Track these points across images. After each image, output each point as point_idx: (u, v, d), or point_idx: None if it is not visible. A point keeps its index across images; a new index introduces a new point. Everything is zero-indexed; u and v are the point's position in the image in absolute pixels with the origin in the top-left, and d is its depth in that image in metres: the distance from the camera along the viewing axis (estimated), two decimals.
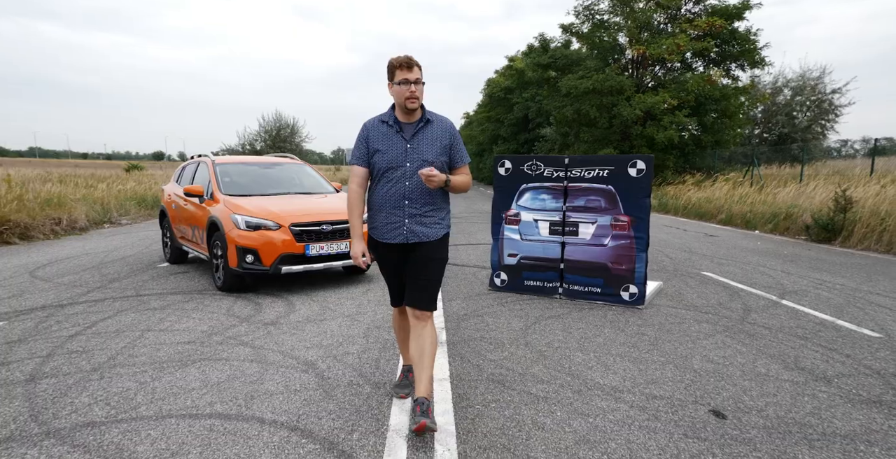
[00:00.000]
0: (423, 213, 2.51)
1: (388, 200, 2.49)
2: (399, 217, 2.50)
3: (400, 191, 2.47)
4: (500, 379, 3.10)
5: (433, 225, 2.55)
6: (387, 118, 2.53)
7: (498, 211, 5.32)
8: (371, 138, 2.52)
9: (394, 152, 2.47)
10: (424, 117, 2.52)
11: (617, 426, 2.54)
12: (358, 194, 2.57)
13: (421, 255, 2.54)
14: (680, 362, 3.41)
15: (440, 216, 2.58)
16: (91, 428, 2.49)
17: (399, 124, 2.51)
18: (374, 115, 2.61)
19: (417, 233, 2.51)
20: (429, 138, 2.50)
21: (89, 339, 3.75)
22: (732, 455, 2.28)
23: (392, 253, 2.58)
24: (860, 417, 2.66)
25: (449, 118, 2.63)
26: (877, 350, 3.67)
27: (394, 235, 2.52)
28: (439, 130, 2.53)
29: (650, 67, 22.64)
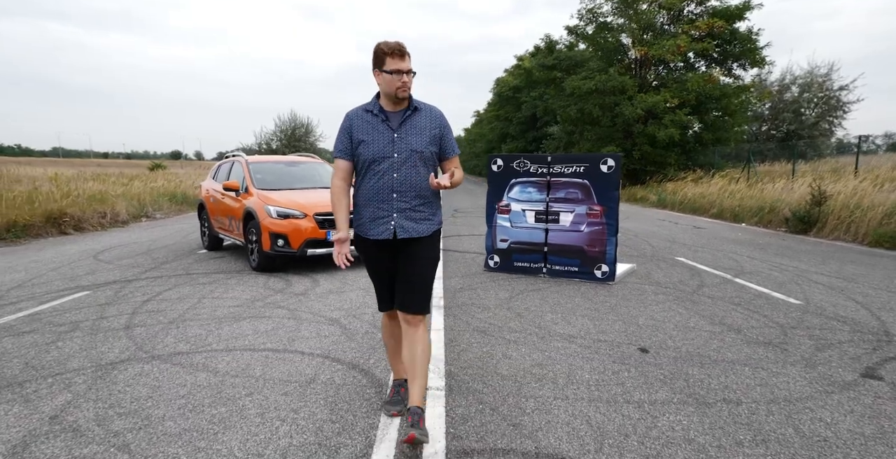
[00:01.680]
0: (413, 208, 2.35)
1: (376, 194, 2.32)
2: (387, 211, 2.32)
3: (387, 184, 2.30)
4: (482, 329, 4.00)
5: (423, 220, 2.38)
6: (371, 107, 2.37)
7: (491, 202, 6.21)
8: (355, 128, 2.36)
9: (380, 142, 2.30)
10: (412, 105, 2.36)
11: (565, 356, 3.42)
12: (341, 189, 2.43)
13: (410, 254, 2.38)
14: (628, 320, 4.28)
15: (431, 211, 2.42)
16: (181, 355, 3.43)
17: (385, 113, 2.34)
18: (357, 105, 2.45)
19: (406, 229, 2.35)
20: (417, 127, 2.34)
21: (159, 303, 4.72)
22: (643, 372, 3.16)
23: (379, 251, 2.41)
24: (748, 351, 3.52)
25: (438, 107, 2.47)
26: (791, 312, 4.51)
27: (381, 231, 2.34)
28: (428, 119, 2.38)
29: (653, 67, 23.30)
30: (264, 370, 3.19)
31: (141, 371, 3.17)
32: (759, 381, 3.03)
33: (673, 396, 2.83)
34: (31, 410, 2.65)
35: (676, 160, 21.93)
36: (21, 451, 2.26)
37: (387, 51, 2.24)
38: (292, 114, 39.89)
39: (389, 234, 2.35)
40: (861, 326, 4.12)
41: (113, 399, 2.78)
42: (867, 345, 3.67)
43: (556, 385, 2.96)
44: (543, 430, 2.45)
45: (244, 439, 2.37)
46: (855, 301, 4.89)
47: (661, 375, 3.12)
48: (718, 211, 13.59)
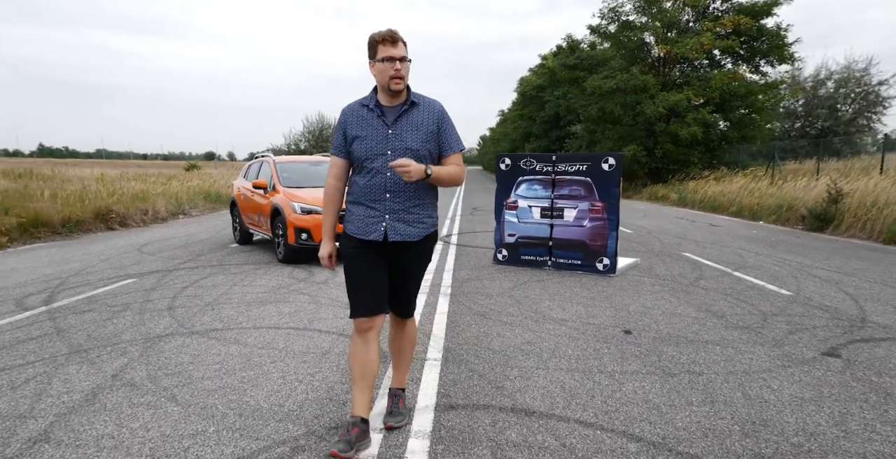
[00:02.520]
0: (407, 209, 2.22)
1: (368, 193, 2.21)
2: (379, 212, 2.21)
3: (380, 183, 2.19)
4: (482, 313, 4.40)
5: (417, 223, 2.25)
6: (367, 101, 2.25)
7: (500, 199, 6.59)
8: (349, 124, 2.25)
9: (373, 139, 2.19)
10: (409, 99, 2.23)
11: (553, 336, 3.79)
12: (335, 188, 2.33)
13: (403, 261, 2.30)
14: (620, 307, 4.61)
15: (426, 213, 2.28)
16: (215, 331, 3.95)
17: (381, 108, 2.22)
18: (354, 99, 2.33)
19: (399, 231, 2.22)
20: (413, 123, 2.22)
21: (196, 290, 5.28)
22: (621, 349, 3.51)
23: (368, 252, 2.27)
24: (724, 333, 3.82)
25: (439, 101, 2.34)
26: (777, 301, 4.75)
27: (371, 231, 2.22)
28: (426, 114, 2.24)
29: (676, 66, 23.15)
30: (286, 343, 3.67)
31: (182, 343, 3.69)
32: (725, 357, 3.35)
33: (643, 368, 3.18)
34: (95, 370, 3.19)
35: (700, 158, 21.78)
36: (92, 399, 2.78)
37: (378, 38, 2.13)
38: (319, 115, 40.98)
39: (380, 236, 2.21)
40: (840, 314, 4.35)
41: (160, 363, 3.30)
42: (839, 330, 3.92)
43: (541, 359, 3.34)
44: (521, 392, 2.85)
45: (268, 395, 2.83)
46: (845, 292, 5.09)
47: (638, 352, 3.46)
48: (737, 209, 13.59)
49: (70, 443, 2.31)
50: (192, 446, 2.29)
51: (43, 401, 2.74)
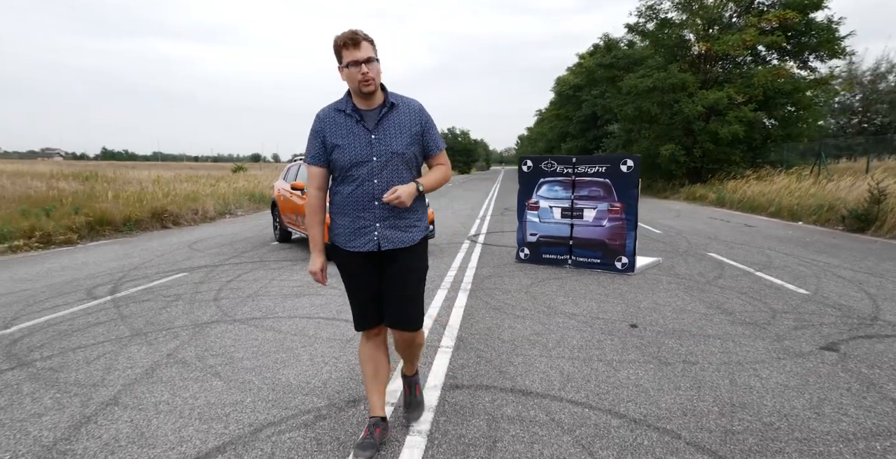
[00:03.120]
0: (397, 215, 2.14)
1: (354, 203, 2.12)
2: (368, 221, 2.12)
3: (368, 191, 2.10)
4: (497, 307, 4.69)
5: (409, 228, 2.18)
6: (343, 106, 2.14)
7: (522, 200, 6.84)
8: (327, 132, 2.14)
9: (356, 146, 2.09)
10: (387, 101, 2.14)
11: (561, 328, 4.04)
12: (318, 198, 2.23)
13: (398, 267, 2.19)
14: (632, 303, 4.79)
15: (417, 217, 2.22)
16: (255, 319, 4.41)
17: (358, 112, 2.12)
18: (328, 104, 2.22)
19: (391, 239, 2.15)
20: (396, 126, 2.13)
21: (239, 283, 5.79)
22: (624, 341, 3.72)
23: (361, 264, 2.20)
24: (728, 329, 3.96)
25: (418, 100, 2.25)
26: (791, 300, 4.81)
27: (363, 242, 2.14)
28: (407, 115, 2.16)
29: (718, 63, 22.54)
30: (316, 331, 4.07)
31: (226, 329, 4.16)
32: (722, 350, 3.51)
33: (640, 357, 3.39)
34: (153, 350, 3.68)
35: (742, 157, 21.16)
36: (151, 373, 3.25)
37: (340, 43, 2.03)
38: None
39: (374, 246, 2.13)
40: (852, 312, 4.39)
41: (207, 345, 3.75)
42: (845, 327, 3.98)
43: (546, 348, 3.60)
44: (522, 376, 3.12)
45: (298, 373, 3.22)
46: (866, 292, 5.07)
47: (639, 344, 3.67)
48: (777, 209, 13.24)
49: (134, 407, 2.77)
50: (232, 412, 2.70)
51: (111, 374, 3.23)
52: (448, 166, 2.35)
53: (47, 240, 8.12)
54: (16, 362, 3.40)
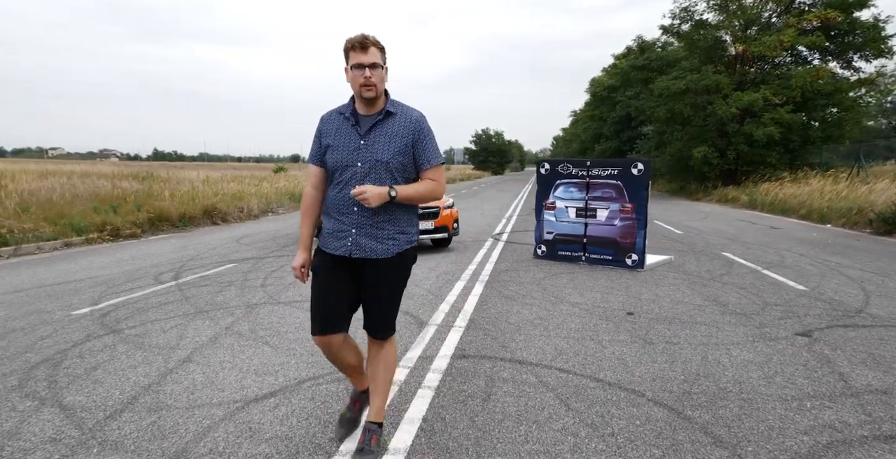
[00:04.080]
0: (375, 224, 2.13)
1: (337, 205, 2.15)
2: (346, 225, 2.14)
3: (348, 195, 2.10)
4: (509, 296, 5.21)
5: (386, 239, 2.15)
6: (345, 110, 2.20)
7: (540, 200, 7.32)
8: (325, 132, 2.21)
9: (344, 149, 2.13)
10: (385, 109, 2.16)
11: (563, 315, 4.53)
12: (312, 197, 2.28)
13: (372, 280, 2.20)
14: (634, 295, 5.22)
15: (397, 229, 2.18)
16: (296, 302, 5.08)
17: (356, 116, 2.16)
18: (334, 107, 2.29)
19: (363, 248, 2.13)
20: (387, 134, 2.14)
21: (281, 273, 6.51)
22: (618, 325, 4.19)
23: (335, 267, 2.20)
24: (717, 317, 4.36)
25: (419, 110, 2.25)
26: (787, 294, 5.13)
27: (337, 245, 2.16)
28: (401, 125, 2.16)
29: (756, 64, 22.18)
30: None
31: (272, 309, 4.84)
32: (705, 334, 3.93)
33: (629, 338, 3.86)
34: (214, 324, 4.39)
35: (779, 159, 20.80)
36: (214, 341, 3.94)
37: (349, 45, 2.07)
38: None
39: (346, 251, 2.14)
40: (840, 305, 4.69)
41: (257, 321, 4.44)
42: (828, 317, 4.32)
43: (546, 329, 4.11)
44: (521, 349, 3.65)
45: None
46: (863, 289, 5.33)
47: (631, 328, 4.13)
48: (807, 211, 13.16)
49: (204, 364, 3.45)
50: (280, 369, 3.34)
51: (184, 340, 3.94)
52: (439, 184, 2.24)
53: (116, 234, 9.13)
54: (109, 329, 4.17)
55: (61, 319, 4.40)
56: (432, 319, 4.40)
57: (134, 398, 2.89)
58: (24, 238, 7.73)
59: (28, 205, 9.06)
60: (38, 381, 3.11)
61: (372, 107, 2.15)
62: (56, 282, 5.82)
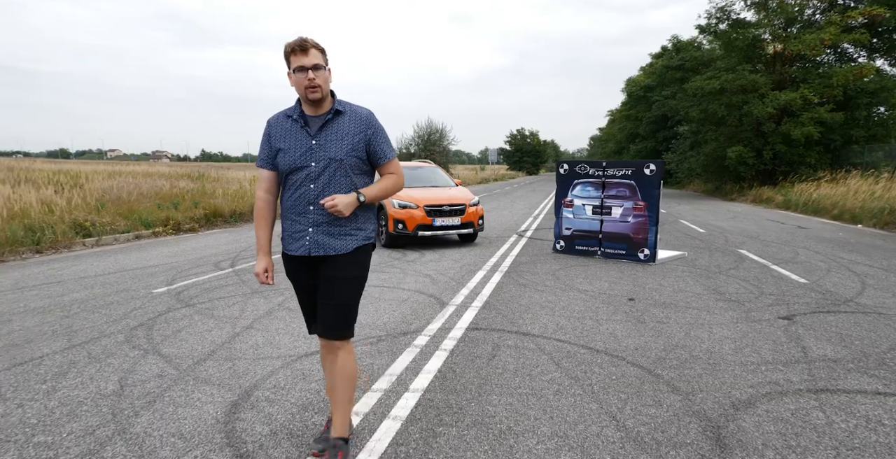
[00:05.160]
0: (331, 222, 2.17)
1: (293, 207, 2.19)
2: (303, 225, 2.18)
3: (305, 195, 2.15)
4: (524, 284, 5.78)
5: (343, 236, 2.20)
6: (292, 112, 2.22)
7: (559, 198, 7.84)
8: (273, 136, 2.22)
9: (296, 151, 2.16)
10: (334, 108, 2.19)
11: (570, 300, 5.08)
12: (266, 201, 2.29)
13: (327, 274, 2.21)
14: (639, 284, 5.70)
15: (355, 225, 2.22)
16: None
17: (304, 118, 2.19)
18: (280, 110, 2.30)
19: (322, 245, 2.18)
20: (338, 133, 2.17)
21: None
22: (618, 308, 4.70)
23: (299, 268, 2.27)
24: (711, 304, 4.81)
25: (369, 108, 2.28)
26: (785, 286, 5.49)
27: (297, 246, 2.20)
28: (352, 123, 2.20)
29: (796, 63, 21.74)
30: (381, 294, 5.40)
31: None
32: (695, 316, 4.41)
33: (624, 318, 4.38)
34: (268, 301, 5.15)
35: (818, 159, 20.37)
36: (269, 314, 4.70)
37: (288, 49, 2.09)
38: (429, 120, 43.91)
39: (305, 251, 2.18)
40: (833, 296, 5.04)
41: None
42: (815, 305, 4.70)
43: (552, 311, 4.68)
44: (526, 325, 4.24)
45: (367, 316, 4.52)
46: (863, 283, 5.62)
47: (628, 310, 4.64)
48: (839, 212, 13.07)
49: (262, 329, 4.19)
50: None
51: (245, 313, 4.71)
52: (399, 175, 2.31)
53: (178, 228, 10.20)
54: (184, 304, 5.00)
55: (145, 295, 5.27)
56: (452, 300, 5.04)
57: (213, 351, 3.65)
58: (104, 230, 8.83)
59: (104, 202, 10.24)
60: (139, 338, 3.92)
61: (319, 107, 2.18)
62: (134, 267, 6.78)
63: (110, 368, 3.30)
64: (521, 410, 2.72)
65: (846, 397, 2.84)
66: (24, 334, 3.98)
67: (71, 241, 8.15)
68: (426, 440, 2.43)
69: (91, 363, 3.38)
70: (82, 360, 3.42)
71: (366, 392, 2.96)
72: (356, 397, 2.86)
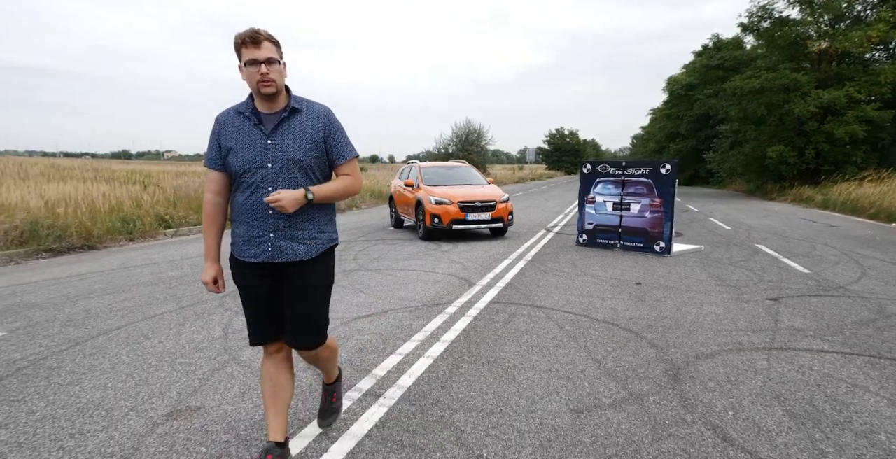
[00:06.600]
0: (293, 225, 2.05)
1: (249, 211, 2.03)
2: (262, 230, 2.03)
3: (262, 198, 2.00)
4: (544, 270, 6.51)
5: (307, 240, 2.07)
6: (243, 108, 2.07)
7: (582, 195, 8.49)
8: (223, 134, 2.06)
9: (250, 150, 2.01)
10: (290, 105, 2.06)
11: (583, 283, 5.77)
12: (214, 204, 2.14)
13: (294, 283, 2.09)
14: (650, 271, 6.31)
15: (318, 228, 2.10)
16: (380, 270, 6.70)
17: (258, 115, 2.04)
18: (230, 106, 2.13)
19: (285, 251, 2.05)
20: (295, 131, 2.05)
21: (368, 251, 8.22)
22: (623, 289, 5.37)
23: (256, 275, 2.10)
24: (709, 287, 5.40)
25: (327, 105, 2.17)
26: (787, 275, 5.98)
27: (256, 253, 2.05)
28: (309, 121, 2.08)
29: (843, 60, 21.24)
30: (417, 277, 6.24)
31: (363, 273, 6.50)
32: (691, 297, 5.03)
33: (627, 297, 5.05)
34: None
35: (864, 158, 19.92)
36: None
37: (239, 40, 1.96)
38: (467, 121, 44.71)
39: (267, 257, 2.05)
40: (828, 283, 5.53)
41: (353, 279, 6.08)
42: (806, 289, 5.22)
43: (565, 291, 5.40)
44: (540, 300, 4.98)
45: (406, 293, 5.36)
46: (864, 274, 6.04)
47: (633, 292, 5.30)
48: (876, 211, 13.01)
49: None
50: (371, 304, 4.91)
51: None
52: (356, 178, 2.20)
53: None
54: None
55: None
56: (479, 282, 5.84)
57: None
58: (181, 222, 10.11)
59: (178, 199, 11.59)
60: (229, 303, 4.91)
61: (274, 104, 2.05)
62: None
63: (213, 322, 4.29)
64: (525, 355, 3.49)
65: (792, 353, 3.47)
66: (143, 299, 5.06)
67: (156, 232, 9.45)
68: (451, 370, 3.25)
69: (199, 318, 4.39)
70: (192, 317, 4.44)
71: (405, 342, 3.81)
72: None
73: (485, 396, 2.87)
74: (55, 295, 5.18)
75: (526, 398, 2.85)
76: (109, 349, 3.64)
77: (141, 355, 3.51)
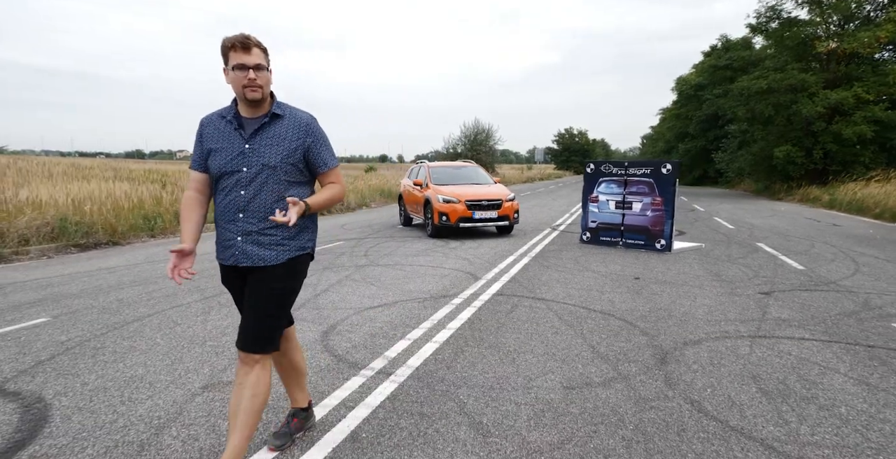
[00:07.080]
0: (261, 231, 2.05)
1: (223, 213, 2.07)
2: (232, 233, 2.06)
3: (234, 201, 2.03)
4: (547, 266, 6.78)
5: (274, 245, 2.07)
6: (226, 113, 2.10)
7: (585, 194, 8.74)
8: (206, 136, 2.10)
9: (228, 154, 2.03)
10: (271, 111, 2.08)
11: (583, 277, 6.04)
12: (194, 200, 2.15)
13: (255, 285, 2.09)
14: (649, 267, 6.56)
15: (285, 235, 2.10)
16: (390, 265, 7.02)
17: (239, 120, 2.08)
18: (215, 110, 2.17)
19: (250, 255, 2.06)
20: (274, 137, 2.06)
21: (378, 248, 8.54)
22: (622, 283, 5.63)
23: (232, 277, 2.16)
24: (705, 283, 5.65)
25: (310, 113, 2.19)
26: (781, 271, 6.21)
27: (226, 256, 2.09)
28: (290, 128, 2.09)
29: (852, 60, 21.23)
30: (424, 271, 6.55)
31: (374, 268, 6.81)
32: (686, 291, 5.29)
33: (625, 291, 5.32)
34: (338, 274, 6.40)
35: (873, 158, 19.92)
36: (339, 283, 5.94)
37: (228, 45, 1.99)
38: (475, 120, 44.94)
39: (234, 260, 2.08)
40: (820, 279, 5.75)
41: (365, 273, 6.40)
42: (798, 285, 5.44)
43: (566, 285, 5.67)
44: (542, 293, 5.26)
45: (414, 286, 5.67)
46: (858, 270, 6.25)
47: (631, 286, 5.56)
48: (881, 211, 13.11)
49: (335, 292, 5.42)
50: (382, 296, 5.22)
51: (321, 282, 5.97)
52: (340, 185, 2.23)
53: None
54: None
55: None
56: (484, 276, 6.13)
57: (302, 305, 4.92)
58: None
59: None
60: None
61: (257, 109, 2.08)
62: None
63: (236, 311, 4.61)
64: (525, 340, 3.78)
65: (774, 340, 3.73)
66: (169, 290, 5.41)
67: (175, 228, 9.84)
68: (455, 353, 3.55)
69: (223, 307, 4.73)
70: (216, 306, 4.78)
71: (414, 329, 4.11)
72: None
73: (486, 375, 3.17)
74: (88, 287, 5.55)
75: (523, 376, 3.14)
76: (144, 333, 3.98)
77: (173, 338, 3.85)
